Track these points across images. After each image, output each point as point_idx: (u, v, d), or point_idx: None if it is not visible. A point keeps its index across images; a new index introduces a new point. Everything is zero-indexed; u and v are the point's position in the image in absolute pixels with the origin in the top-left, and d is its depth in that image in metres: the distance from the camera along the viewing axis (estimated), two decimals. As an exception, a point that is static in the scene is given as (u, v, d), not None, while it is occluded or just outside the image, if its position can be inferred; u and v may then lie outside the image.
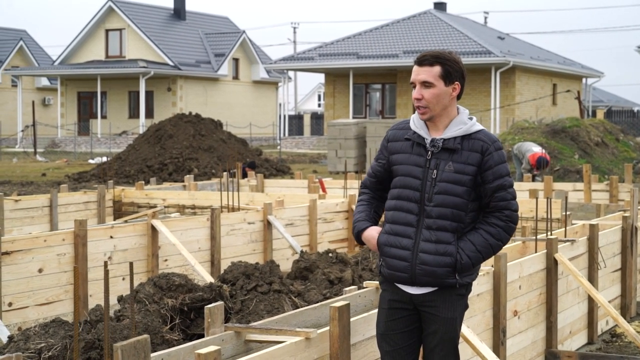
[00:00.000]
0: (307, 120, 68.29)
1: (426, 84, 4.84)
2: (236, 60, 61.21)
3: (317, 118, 67.51)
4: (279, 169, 33.15)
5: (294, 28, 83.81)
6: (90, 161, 40.37)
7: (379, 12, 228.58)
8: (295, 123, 69.91)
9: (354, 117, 47.18)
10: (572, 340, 8.64)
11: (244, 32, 61.90)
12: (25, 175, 34.12)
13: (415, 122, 4.96)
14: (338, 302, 5.35)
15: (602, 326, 9.29)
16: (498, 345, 7.09)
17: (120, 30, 57.47)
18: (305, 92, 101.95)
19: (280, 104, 63.27)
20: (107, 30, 57.79)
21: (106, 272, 4.06)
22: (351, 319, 5.37)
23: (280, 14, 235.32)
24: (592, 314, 8.97)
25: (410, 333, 4.99)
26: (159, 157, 31.63)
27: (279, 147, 50.19)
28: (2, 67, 64.59)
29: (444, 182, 4.82)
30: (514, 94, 46.60)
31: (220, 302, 5.29)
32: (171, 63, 55.59)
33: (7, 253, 9.43)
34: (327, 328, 5.23)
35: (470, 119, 4.94)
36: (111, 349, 7.35)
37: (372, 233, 5.01)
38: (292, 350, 4.92)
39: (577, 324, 8.77)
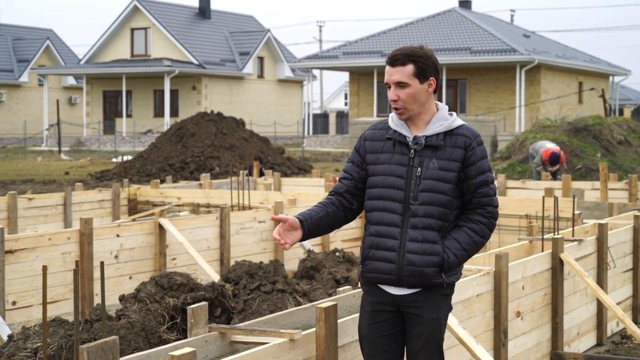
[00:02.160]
0: (332, 118, 68.25)
1: (401, 84, 4.72)
2: (261, 58, 61.19)
3: (342, 116, 67.44)
4: (301, 167, 33.08)
5: (320, 27, 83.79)
6: (114, 160, 40.44)
7: (406, 11, 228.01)
8: (321, 122, 69.84)
9: (378, 115, 47.03)
10: (580, 341, 8.48)
11: (268, 30, 61.86)
12: (49, 173, 34.24)
13: (395, 121, 4.84)
14: (325, 302, 5.23)
15: (612, 327, 9.12)
16: (499, 346, 6.95)
17: (145, 29, 57.58)
18: (331, 90, 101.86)
19: (306, 103, 63.21)
20: (132, 29, 57.92)
21: (76, 272, 3.97)
22: (340, 320, 5.26)
23: (306, 12, 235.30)
24: (601, 315, 8.81)
25: (393, 336, 4.86)
26: (180, 156, 31.64)
27: (302, 146, 50.12)
28: (29, 67, 64.94)
29: (429, 179, 4.71)
30: (539, 92, 46.26)
31: (203, 303, 5.20)
32: (196, 62, 55.64)
33: (10, 251, 9.39)
34: (314, 329, 5.12)
35: (451, 114, 4.83)
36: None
37: (285, 216, 4.85)
38: (274, 352, 4.81)
39: (585, 325, 8.60)
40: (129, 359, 4.39)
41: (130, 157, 37.44)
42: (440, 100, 46.95)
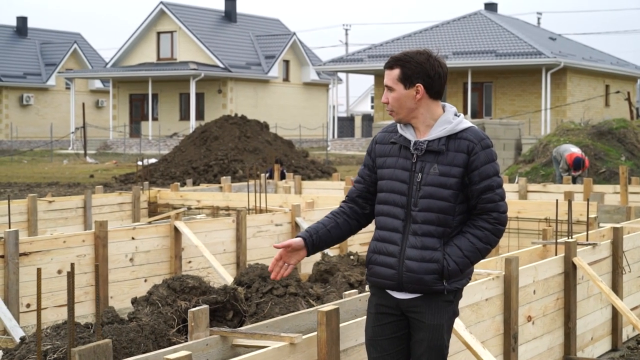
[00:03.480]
0: (358, 122, 68.20)
1: (389, 88, 4.71)
2: (287, 62, 61.27)
3: (368, 120, 67.35)
4: (325, 170, 33.07)
5: (346, 30, 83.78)
6: (139, 163, 40.61)
7: (433, 14, 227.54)
8: (347, 125, 69.79)
9: (403, 119, 46.91)
10: (594, 347, 8.40)
11: (294, 34, 61.92)
12: (74, 176, 34.43)
13: (402, 125, 4.79)
14: (327, 306, 5.20)
15: (627, 332, 9.04)
16: (509, 351, 6.89)
17: (171, 32, 57.81)
18: (358, 93, 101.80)
19: (332, 106, 63.29)
20: (158, 33, 58.17)
21: (70, 274, 3.96)
22: (342, 324, 5.23)
23: (332, 15, 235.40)
24: (616, 319, 8.72)
25: (398, 339, 4.81)
26: (204, 159, 31.72)
27: (327, 149, 50.11)
28: (56, 70, 65.36)
29: (429, 185, 4.64)
30: (565, 95, 46.01)
31: (204, 306, 5.18)
32: (221, 65, 55.78)
33: (25, 254, 9.43)
34: (315, 333, 5.09)
35: (457, 116, 4.76)
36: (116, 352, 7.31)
37: (287, 242, 4.85)
38: (274, 356, 4.79)
39: (600, 330, 8.52)
40: (125, 362, 4.38)
41: (155, 160, 37.57)
42: (465, 103, 46.90)
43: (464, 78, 46.63)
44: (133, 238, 10.62)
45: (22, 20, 69.69)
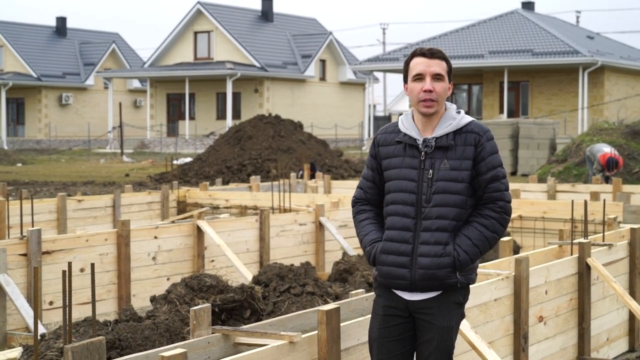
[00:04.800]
0: (394, 120, 68.03)
1: (438, 77, 4.74)
2: (323, 61, 61.33)
3: (405, 119, 67.10)
4: (358, 170, 33.07)
5: (383, 29, 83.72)
6: (175, 162, 40.90)
7: (471, 13, 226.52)
8: (384, 124, 69.56)
9: (439, 118, 46.77)
10: (610, 347, 8.38)
11: (330, 33, 61.97)
12: (110, 175, 34.72)
13: (405, 124, 4.83)
14: (328, 305, 5.25)
15: (646, 333, 9.00)
16: (519, 351, 6.90)
17: (208, 32, 58.06)
18: (396, 93, 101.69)
19: (369, 105, 63.20)
20: (195, 33, 58.45)
21: (65, 274, 4.05)
22: (343, 324, 5.28)
23: (369, 15, 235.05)
24: (633, 320, 8.69)
25: (404, 341, 4.85)
26: (238, 158, 31.85)
27: (362, 148, 50.12)
28: (95, 70, 65.93)
29: (442, 180, 4.70)
30: (603, 95, 45.65)
31: (207, 305, 5.25)
32: (258, 65, 55.95)
33: (48, 252, 9.57)
34: (315, 332, 5.15)
35: (459, 112, 4.82)
36: (133, 350, 7.41)
37: None
38: (272, 354, 4.85)
39: (616, 330, 8.50)
40: (122, 360, 4.45)
41: (190, 159, 37.80)
42: (501, 103, 46.66)
43: (500, 77, 46.41)
44: (156, 237, 10.74)
45: (61, 21, 70.35)
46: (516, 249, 12.17)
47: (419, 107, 4.77)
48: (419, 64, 4.78)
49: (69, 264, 4.31)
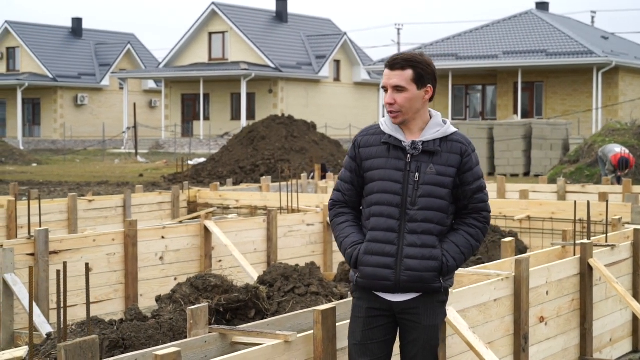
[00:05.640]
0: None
1: (398, 88, 4.75)
2: (337, 62, 61.38)
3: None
4: (371, 170, 33.08)
5: (398, 29, 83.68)
6: (189, 162, 41.03)
7: (486, 13, 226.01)
8: (398, 125, 69.53)
9: (453, 119, 46.77)
10: (613, 348, 8.39)
11: (345, 33, 62.01)
12: (124, 175, 34.87)
13: (389, 126, 4.85)
14: (324, 305, 5.30)
15: (650, 334, 9.00)
16: (519, 351, 6.93)
17: (223, 33, 58.20)
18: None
19: (383, 106, 63.14)
20: (210, 34, 58.60)
21: (61, 273, 4.11)
22: (339, 323, 5.32)
23: (384, 15, 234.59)
24: (637, 321, 8.70)
25: (387, 342, 4.89)
26: (251, 159, 31.94)
27: (377, 149, 50.04)
28: (110, 70, 66.18)
29: (428, 184, 4.74)
30: (617, 95, 45.53)
31: (204, 304, 5.31)
32: (272, 65, 56.05)
33: (55, 252, 9.64)
34: (311, 332, 5.19)
35: (444, 121, 4.86)
36: (135, 348, 7.47)
37: None
38: (267, 354, 4.89)
39: (620, 331, 8.51)
40: (118, 359, 4.51)
41: (203, 160, 37.91)
42: (515, 103, 46.59)
43: (514, 78, 46.36)
44: (163, 237, 10.81)
45: (77, 22, 70.65)
46: (523, 250, 12.18)
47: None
48: (384, 76, 4.85)
49: (64, 264, 4.37)
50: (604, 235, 8.69)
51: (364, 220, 4.88)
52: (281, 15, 62.47)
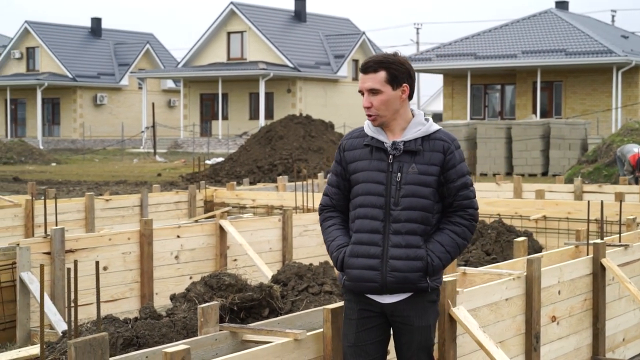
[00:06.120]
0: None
1: (373, 91, 4.77)
2: (356, 61, 61.38)
3: (438, 119, 67.16)
4: (389, 169, 33.12)
5: (417, 29, 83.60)
6: (207, 162, 41.13)
7: (505, 12, 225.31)
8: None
9: (472, 118, 46.71)
10: (627, 348, 8.39)
11: (363, 33, 62.04)
12: (142, 175, 35.01)
13: (371, 128, 4.87)
14: (335, 304, 5.33)
15: (664, 334, 8.99)
16: (530, 351, 6.94)
17: (241, 32, 58.31)
18: (430, 92, 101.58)
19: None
20: (228, 33, 58.72)
21: (72, 273, 4.16)
22: (349, 322, 5.35)
23: (403, 15, 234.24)
24: (650, 321, 8.69)
25: (381, 343, 4.91)
26: (269, 158, 32.02)
27: (395, 148, 50.05)
28: (129, 70, 66.41)
29: (410, 184, 4.75)
30: (637, 94, 45.35)
31: (215, 302, 5.35)
32: (291, 65, 56.13)
33: (71, 251, 9.72)
34: (321, 330, 5.23)
35: (427, 119, 4.88)
36: (150, 345, 7.53)
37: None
38: (277, 351, 4.94)
39: (633, 331, 8.51)
40: (125, 357, 4.57)
41: (221, 159, 38.01)
42: (534, 103, 46.48)
43: (533, 77, 46.26)
44: (178, 236, 10.87)
45: (96, 22, 70.93)
46: (538, 250, 12.18)
47: None
48: (359, 80, 4.88)
49: (75, 262, 4.42)
50: (618, 235, 8.70)
51: (350, 222, 4.90)
52: (300, 14, 62.54)
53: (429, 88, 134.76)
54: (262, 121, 53.05)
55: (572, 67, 45.74)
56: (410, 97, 4.85)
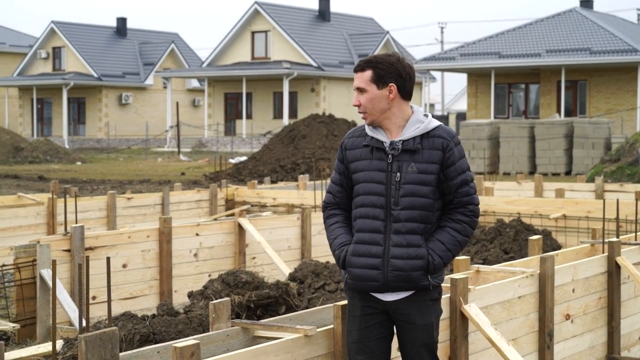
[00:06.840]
0: (452, 120, 67.92)
1: (360, 90, 4.85)
2: (380, 60, 61.27)
3: (462, 118, 67.02)
4: (411, 168, 33.12)
5: (441, 28, 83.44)
6: (231, 161, 41.26)
7: (530, 11, 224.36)
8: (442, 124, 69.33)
9: (496, 117, 46.60)
10: (642, 346, 8.39)
11: (387, 32, 62.01)
12: (166, 174, 35.16)
13: (371, 127, 4.92)
14: (345, 301, 5.38)
15: (681, 333, 8.97)
16: (543, 348, 6.97)
17: (265, 32, 58.43)
18: (454, 92, 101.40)
19: (428, 104, 63.00)
20: (253, 33, 58.84)
21: (81, 270, 4.23)
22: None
23: (427, 14, 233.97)
24: (667, 320, 8.67)
25: (385, 340, 4.95)
26: (291, 157, 32.09)
27: (418, 148, 49.99)
28: (154, 70, 66.69)
29: (409, 183, 4.78)
30: (662, 93, 45.08)
31: (227, 299, 5.42)
32: (315, 64, 56.19)
33: (91, 248, 9.82)
34: (331, 326, 5.28)
35: (426, 116, 4.90)
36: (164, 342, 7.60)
37: None
38: (287, 347, 4.99)
39: (649, 330, 8.50)
40: (135, 353, 4.64)
41: (245, 158, 38.13)
42: (559, 102, 46.32)
43: (557, 76, 46.09)
44: (197, 234, 10.95)
45: (121, 21, 71.27)
46: (557, 248, 12.18)
47: None
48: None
49: (87, 257, 4.49)
50: (634, 234, 8.70)
51: (353, 221, 4.94)
52: (324, 14, 62.58)
53: (453, 87, 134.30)
54: (285, 120, 53.13)
55: (597, 66, 45.54)
56: (406, 97, 4.87)
